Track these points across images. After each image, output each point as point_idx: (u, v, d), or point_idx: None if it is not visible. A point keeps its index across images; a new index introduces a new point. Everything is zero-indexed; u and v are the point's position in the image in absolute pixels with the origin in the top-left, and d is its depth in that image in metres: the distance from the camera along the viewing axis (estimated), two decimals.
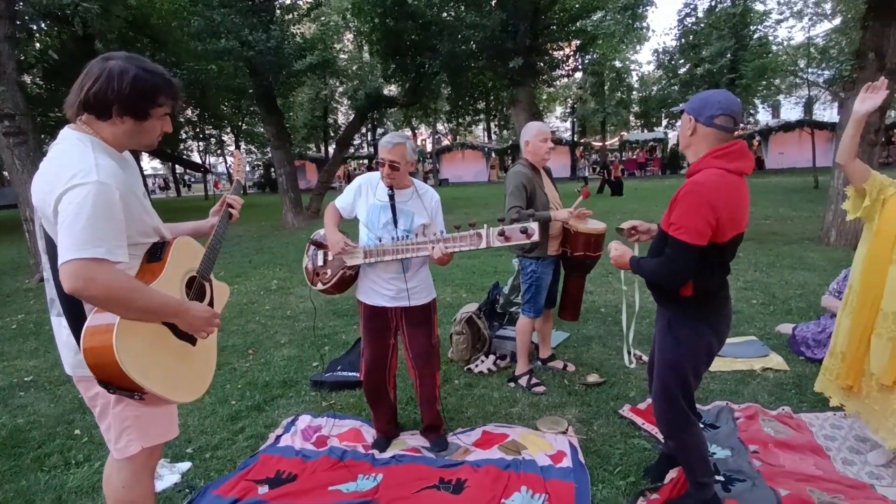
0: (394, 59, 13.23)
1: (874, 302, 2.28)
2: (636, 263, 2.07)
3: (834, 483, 2.28)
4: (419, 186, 2.64)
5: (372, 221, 2.57)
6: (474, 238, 2.32)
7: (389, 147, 2.46)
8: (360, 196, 2.63)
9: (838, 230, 7.55)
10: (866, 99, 2.24)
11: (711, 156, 1.90)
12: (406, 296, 2.57)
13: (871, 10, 7.21)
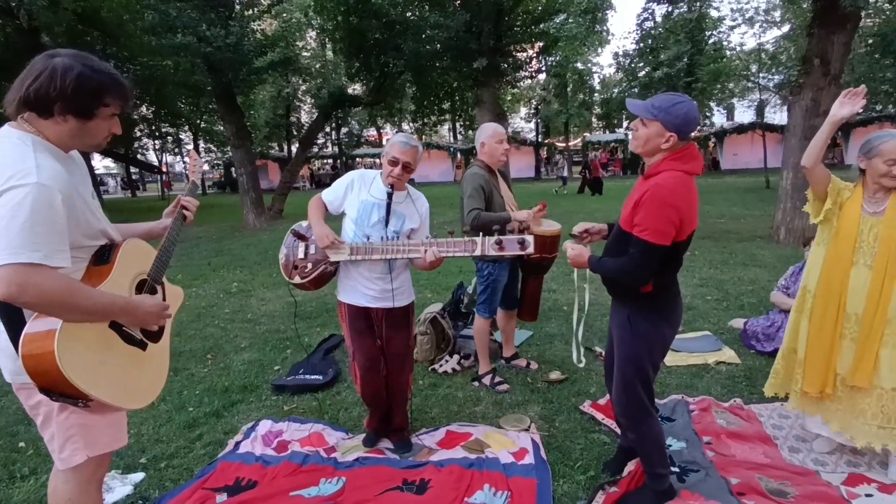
0: (357, 58, 13.09)
1: (839, 306, 2.32)
2: (596, 263, 2.10)
3: (781, 470, 2.39)
4: (413, 192, 2.64)
5: (362, 218, 2.52)
6: (469, 245, 2.31)
7: (406, 148, 2.46)
8: (351, 191, 2.58)
9: (787, 228, 7.90)
10: (845, 104, 2.26)
11: (669, 158, 1.96)
12: (391, 296, 2.55)
13: (816, 18, 7.57)
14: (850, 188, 2.38)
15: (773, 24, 27.19)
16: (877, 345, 2.25)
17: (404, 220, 2.55)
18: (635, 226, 1.93)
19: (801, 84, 7.75)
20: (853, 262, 2.29)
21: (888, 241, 2.21)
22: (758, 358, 3.68)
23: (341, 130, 30.20)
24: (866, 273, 2.26)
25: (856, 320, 2.30)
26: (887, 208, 2.25)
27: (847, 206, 2.34)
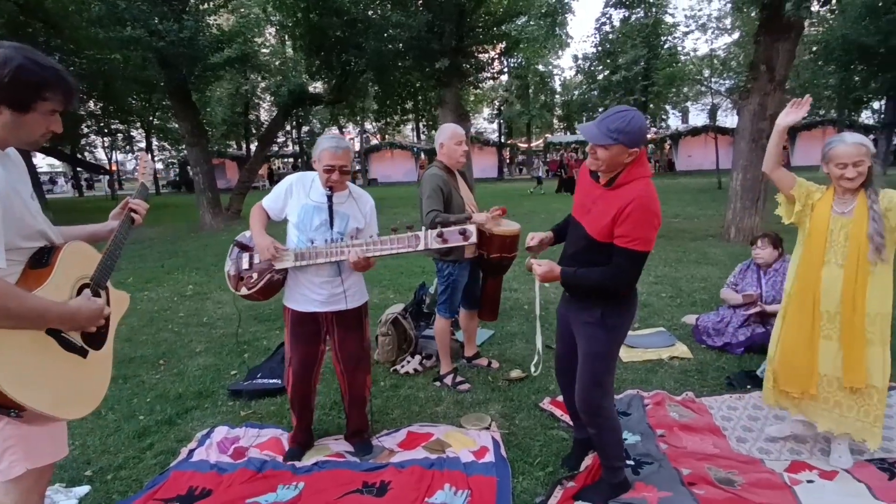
0: (318, 56, 12.90)
1: (814, 304, 2.37)
2: (573, 276, 2.09)
3: (729, 460, 2.49)
4: (354, 190, 2.59)
5: (304, 223, 2.47)
6: (412, 240, 2.28)
7: (339, 152, 2.39)
8: (291, 196, 2.52)
9: (737, 227, 8.24)
10: (790, 113, 2.36)
11: (632, 167, 2.01)
12: (341, 298, 2.51)
13: (762, 26, 7.92)
14: (821, 190, 2.44)
15: (725, 31, 28.32)
16: (863, 343, 2.29)
17: (348, 220, 2.50)
18: (619, 237, 1.96)
19: (749, 89, 8.09)
20: (825, 262, 2.35)
21: (857, 240, 2.26)
22: (708, 352, 3.82)
23: (302, 129, 29.69)
24: (838, 272, 2.31)
25: (828, 318, 2.36)
26: (855, 208, 2.30)
27: (818, 207, 2.41)
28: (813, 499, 2.19)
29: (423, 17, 10.68)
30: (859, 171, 2.25)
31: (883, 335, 2.30)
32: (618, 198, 1.98)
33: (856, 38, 15.39)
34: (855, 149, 2.25)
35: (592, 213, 2.07)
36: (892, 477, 2.33)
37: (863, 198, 2.29)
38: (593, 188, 2.13)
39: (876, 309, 2.28)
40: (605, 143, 1.95)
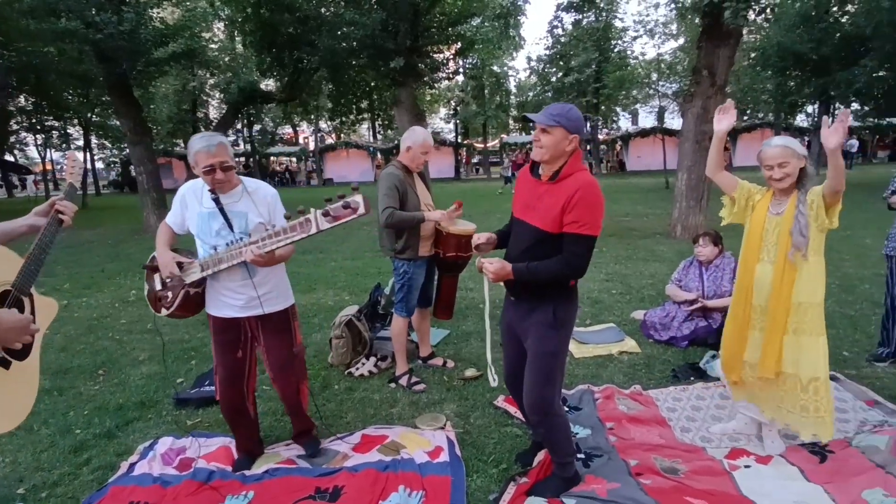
0: (269, 53, 12.60)
1: (747, 299, 2.50)
2: (526, 271, 2.08)
3: (673, 449, 2.59)
4: (249, 184, 2.42)
5: (203, 231, 2.36)
6: (305, 225, 2.10)
7: (213, 150, 2.22)
8: (186, 208, 2.41)
9: (683, 225, 8.59)
10: (721, 120, 2.46)
11: (574, 160, 2.08)
12: (258, 303, 2.41)
13: (704, 33, 8.28)
14: (762, 192, 2.56)
15: (671, 37, 29.43)
16: (781, 334, 2.40)
17: (247, 217, 2.36)
18: (570, 223, 2.01)
19: (692, 93, 8.44)
20: (759, 259, 2.48)
21: (785, 237, 2.39)
22: (655, 346, 3.96)
23: (254, 127, 28.87)
24: (769, 268, 2.44)
25: (761, 311, 2.48)
26: (786, 208, 2.42)
27: (758, 207, 2.53)
28: (750, 483, 2.30)
29: (378, 15, 10.59)
30: (785, 172, 2.37)
31: (816, 325, 2.39)
32: (564, 188, 2.04)
33: (790, 46, 16.35)
34: (779, 151, 2.37)
35: (539, 209, 2.10)
36: (823, 460, 2.48)
37: (794, 198, 2.41)
38: (536, 186, 2.16)
39: (807, 299, 2.37)
40: (549, 123, 2.02)
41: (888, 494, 2.17)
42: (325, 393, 3.44)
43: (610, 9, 26.09)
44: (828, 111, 22.16)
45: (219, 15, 13.86)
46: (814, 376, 2.37)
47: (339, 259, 7.88)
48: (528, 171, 2.24)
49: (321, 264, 7.54)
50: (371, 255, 8.09)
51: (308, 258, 8.02)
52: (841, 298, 4.94)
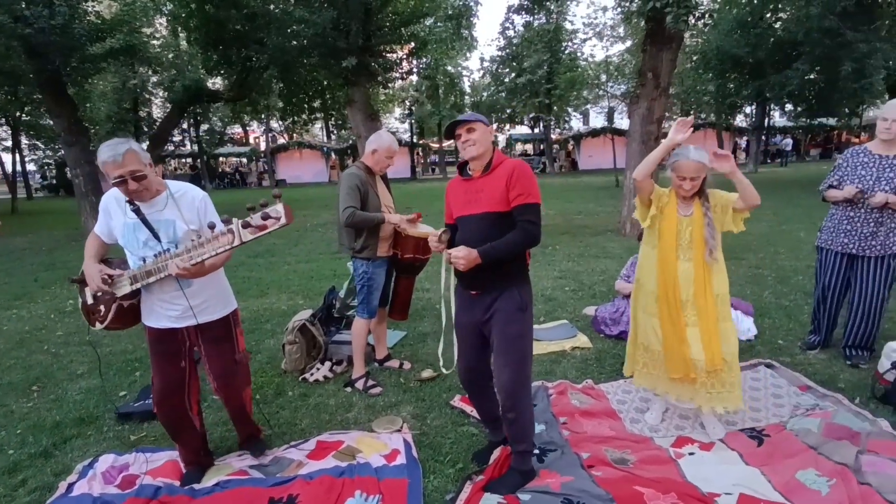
0: (216, 50, 12.15)
1: (675, 297, 2.60)
2: (489, 250, 2.17)
3: (623, 440, 2.68)
4: (174, 188, 2.28)
5: (130, 242, 2.25)
6: (227, 237, 2.02)
7: (120, 159, 2.05)
8: (110, 218, 2.29)
9: (631, 223, 8.86)
10: (678, 131, 2.51)
11: (497, 151, 2.34)
12: (192, 314, 2.31)
13: (648, 36, 8.57)
14: (667, 194, 2.69)
15: (619, 39, 30.36)
16: (715, 325, 2.56)
17: (174, 225, 2.23)
18: (518, 196, 2.19)
19: (638, 94, 8.73)
20: (678, 258, 2.62)
21: (699, 237, 2.57)
22: (606, 341, 4.08)
23: (201, 127, 27.85)
24: (689, 266, 2.59)
25: (691, 305, 2.60)
26: (694, 210, 2.61)
27: (667, 209, 2.66)
28: (694, 469, 2.41)
29: (328, 14, 10.41)
30: (694, 185, 2.55)
31: (728, 312, 2.65)
32: (499, 174, 2.25)
33: (729, 50, 17.18)
34: (696, 166, 2.51)
35: (481, 199, 2.26)
36: (760, 444, 2.62)
37: (699, 200, 2.62)
38: (470, 184, 2.33)
39: (723, 290, 2.62)
40: (474, 119, 2.28)
41: (820, 474, 2.31)
42: (279, 400, 3.36)
43: (560, 11, 26.64)
44: (765, 112, 23.44)
45: (160, 10, 13.29)
46: (732, 353, 2.61)
47: (292, 262, 7.71)
48: (456, 181, 2.43)
49: (273, 268, 7.36)
50: (326, 257, 7.96)
51: (260, 262, 7.81)
52: (776, 290, 5.23)
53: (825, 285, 3.62)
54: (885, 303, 3.44)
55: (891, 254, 3.32)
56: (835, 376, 3.35)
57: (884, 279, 3.37)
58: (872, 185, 3.26)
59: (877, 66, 13.03)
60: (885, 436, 2.60)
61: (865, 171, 3.31)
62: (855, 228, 3.37)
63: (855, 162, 3.38)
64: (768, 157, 29.17)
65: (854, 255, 3.43)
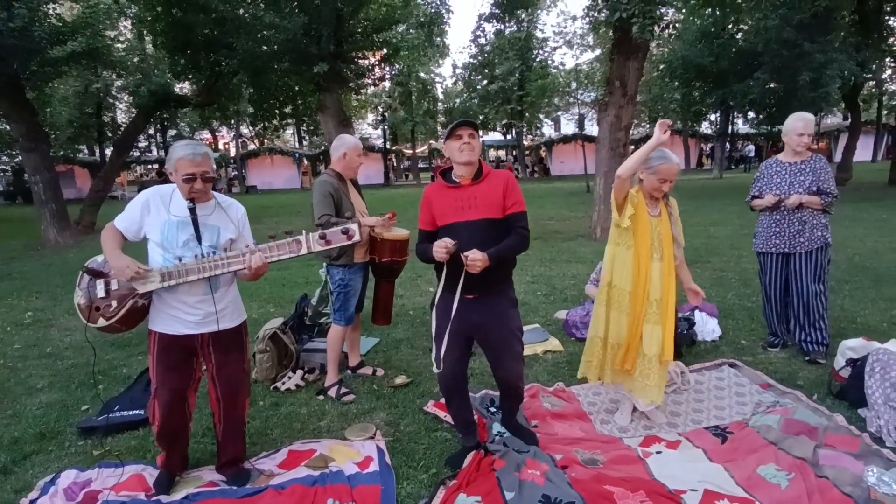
0: (183, 54, 11.93)
1: (645, 294, 2.70)
2: (497, 252, 2.33)
3: (593, 441, 2.73)
4: (221, 199, 2.42)
5: (169, 240, 2.25)
6: (293, 245, 2.19)
7: (199, 159, 2.20)
8: (148, 213, 2.28)
9: (602, 227, 9.03)
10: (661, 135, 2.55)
11: (483, 164, 2.50)
12: (214, 319, 2.32)
13: (615, 46, 8.78)
14: (636, 195, 2.75)
15: (588, 48, 30.95)
16: (673, 321, 2.74)
17: (219, 231, 2.33)
18: (513, 205, 2.41)
19: (606, 102, 8.93)
20: (652, 258, 2.72)
21: (667, 236, 2.74)
22: (577, 344, 4.14)
23: (168, 133, 27.24)
24: (660, 265, 2.72)
25: (657, 305, 2.71)
26: (660, 210, 2.76)
27: (639, 210, 2.73)
28: (660, 468, 2.47)
29: (299, 19, 10.33)
30: (671, 187, 2.75)
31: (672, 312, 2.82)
32: (492, 182, 2.43)
33: (693, 59, 17.72)
34: (677, 169, 2.73)
35: (476, 206, 2.39)
36: (724, 441, 2.71)
37: (661, 203, 2.79)
38: (460, 192, 2.43)
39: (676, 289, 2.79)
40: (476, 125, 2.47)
41: (780, 468, 2.40)
42: (249, 410, 3.28)
43: (531, 20, 27.06)
44: (728, 119, 24.23)
45: (124, 13, 12.98)
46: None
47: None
48: (440, 186, 2.51)
49: None
50: (298, 264, 7.86)
51: None
52: (740, 291, 5.41)
53: (767, 285, 3.87)
54: (822, 295, 3.67)
55: (817, 248, 3.62)
56: (794, 374, 3.48)
57: (814, 271, 3.65)
58: (787, 190, 3.61)
59: (832, 75, 13.64)
60: (840, 430, 2.71)
61: (780, 178, 3.67)
62: (783, 230, 3.67)
63: (770, 172, 3.74)
64: (732, 162, 30.11)
65: (788, 253, 3.70)
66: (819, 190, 3.54)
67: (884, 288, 5.28)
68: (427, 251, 2.44)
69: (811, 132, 3.58)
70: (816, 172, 3.56)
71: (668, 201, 2.81)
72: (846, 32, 15.00)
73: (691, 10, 15.14)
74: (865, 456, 2.46)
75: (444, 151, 2.51)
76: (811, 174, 3.56)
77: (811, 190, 3.54)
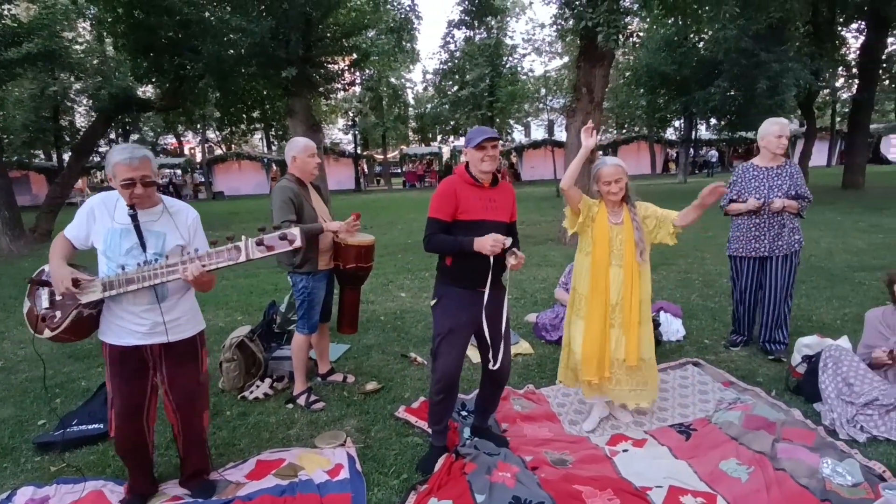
0: (146, 57, 11.64)
1: (605, 300, 2.79)
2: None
3: (561, 442, 2.77)
4: (170, 203, 2.32)
5: (112, 248, 2.18)
6: (232, 252, 2.08)
7: (136, 163, 2.11)
8: (94, 221, 2.21)
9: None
10: (588, 139, 2.72)
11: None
12: (163, 330, 2.24)
13: (582, 53, 8.97)
14: (597, 204, 2.87)
15: (556, 55, 31.47)
16: (637, 326, 2.78)
17: (165, 238, 2.24)
18: (514, 213, 2.70)
19: (574, 108, 9.09)
20: (610, 264, 2.81)
21: (629, 244, 2.79)
22: (546, 346, 4.21)
23: (130, 137, 26.48)
24: (619, 271, 2.80)
25: (619, 308, 2.79)
26: (623, 218, 2.82)
27: (598, 218, 2.84)
28: (627, 465, 2.53)
29: (267, 23, 10.22)
30: (619, 186, 2.77)
31: (649, 315, 2.89)
32: (504, 191, 2.62)
33: (657, 67, 18.22)
34: (614, 169, 2.79)
35: (497, 209, 2.56)
36: (688, 438, 2.78)
37: (626, 209, 2.84)
38: (482, 193, 2.53)
39: (646, 295, 2.84)
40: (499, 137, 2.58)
41: (740, 462, 2.48)
42: (216, 420, 3.23)
43: (500, 27, 27.36)
44: (691, 125, 24.95)
45: (83, 14, 12.59)
46: (650, 356, 2.86)
47: (230, 276, 7.44)
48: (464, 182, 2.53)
49: None
50: (266, 271, 7.74)
51: None
52: (703, 293, 5.57)
53: (742, 289, 3.93)
54: (791, 297, 3.83)
55: (793, 251, 3.72)
56: (754, 371, 3.61)
57: (790, 274, 3.76)
58: (767, 194, 3.68)
59: (788, 83, 14.21)
60: (797, 424, 2.82)
61: (758, 182, 3.73)
62: (763, 233, 3.73)
63: (748, 176, 3.79)
64: (696, 167, 31.02)
65: (765, 257, 3.77)
66: (797, 194, 3.63)
67: (837, 287, 5.52)
68: (447, 241, 2.48)
69: (787, 134, 3.65)
70: (793, 177, 3.65)
71: (632, 207, 2.84)
72: (801, 42, 15.67)
73: (654, 20, 15.59)
74: (820, 448, 2.56)
75: (465, 157, 2.57)
76: (788, 178, 3.64)
77: (790, 194, 3.62)
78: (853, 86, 20.18)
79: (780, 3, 11.00)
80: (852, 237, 8.42)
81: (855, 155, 17.18)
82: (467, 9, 19.50)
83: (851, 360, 2.91)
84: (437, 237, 2.50)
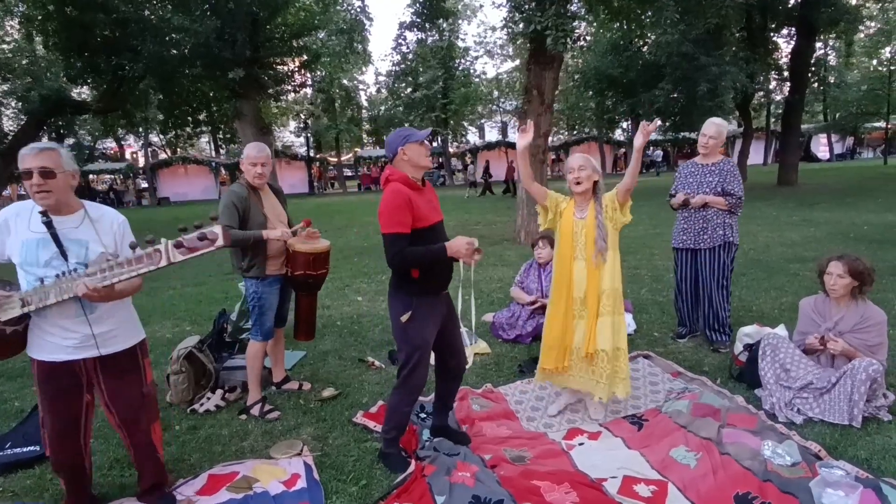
0: (80, 57, 11.05)
1: (568, 293, 2.88)
2: None
3: (520, 439, 2.80)
4: (92, 209, 2.18)
5: (29, 260, 2.04)
6: (154, 256, 1.92)
7: (35, 152, 1.98)
8: (8, 234, 2.06)
9: (526, 231, 9.32)
10: (521, 138, 2.82)
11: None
12: (94, 343, 2.11)
13: (532, 56, 9.13)
14: (566, 200, 2.97)
15: (508, 58, 31.92)
16: (595, 318, 2.85)
17: (87, 246, 2.10)
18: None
19: (525, 110, 9.25)
20: (574, 258, 2.88)
21: (592, 238, 2.84)
22: (503, 345, 4.25)
23: (66, 141, 25.06)
24: (583, 265, 2.86)
25: (581, 302, 2.87)
26: (588, 213, 2.87)
27: (565, 213, 2.93)
28: (583, 458, 2.58)
29: (211, 23, 9.92)
30: (582, 176, 2.83)
31: (616, 306, 2.87)
32: (431, 189, 2.62)
33: (605, 70, 18.82)
34: (577, 159, 2.90)
35: (436, 207, 2.56)
36: (640, 428, 2.87)
37: (593, 205, 2.89)
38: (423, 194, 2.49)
39: (610, 286, 2.86)
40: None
41: (689, 449, 2.58)
42: (165, 435, 3.06)
43: (452, 29, 27.55)
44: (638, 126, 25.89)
45: (11, 11, 11.83)
46: (620, 346, 2.88)
47: (177, 286, 7.16)
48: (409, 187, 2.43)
49: (156, 294, 6.77)
50: (215, 279, 7.49)
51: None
52: (652, 287, 5.78)
53: (679, 279, 4.14)
54: (725, 289, 3.97)
55: (719, 245, 3.90)
56: (700, 361, 3.76)
57: (718, 266, 3.93)
58: (696, 190, 3.90)
59: (727, 86, 14.95)
60: (740, 410, 2.96)
61: (693, 178, 3.96)
62: (690, 227, 3.95)
63: (686, 173, 4.04)
64: (644, 167, 32.19)
65: (695, 249, 3.97)
66: (724, 191, 3.82)
67: (774, 278, 5.84)
68: (418, 254, 2.37)
69: (710, 133, 3.83)
70: (723, 174, 3.83)
71: (598, 204, 2.87)
72: (737, 47, 16.53)
73: (601, 24, 16.06)
74: (762, 432, 2.70)
75: (406, 153, 2.44)
76: (718, 175, 3.83)
77: (717, 191, 3.81)
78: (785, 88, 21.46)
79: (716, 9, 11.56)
80: (787, 231, 8.94)
81: (788, 154, 18.27)
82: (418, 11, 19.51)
83: (788, 347, 3.08)
84: (406, 252, 2.35)
